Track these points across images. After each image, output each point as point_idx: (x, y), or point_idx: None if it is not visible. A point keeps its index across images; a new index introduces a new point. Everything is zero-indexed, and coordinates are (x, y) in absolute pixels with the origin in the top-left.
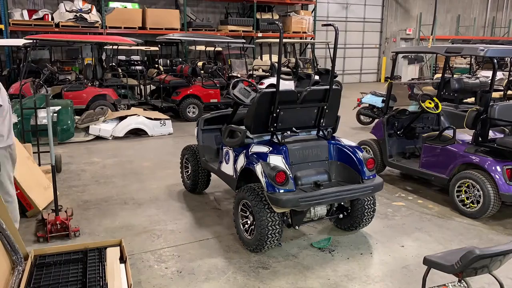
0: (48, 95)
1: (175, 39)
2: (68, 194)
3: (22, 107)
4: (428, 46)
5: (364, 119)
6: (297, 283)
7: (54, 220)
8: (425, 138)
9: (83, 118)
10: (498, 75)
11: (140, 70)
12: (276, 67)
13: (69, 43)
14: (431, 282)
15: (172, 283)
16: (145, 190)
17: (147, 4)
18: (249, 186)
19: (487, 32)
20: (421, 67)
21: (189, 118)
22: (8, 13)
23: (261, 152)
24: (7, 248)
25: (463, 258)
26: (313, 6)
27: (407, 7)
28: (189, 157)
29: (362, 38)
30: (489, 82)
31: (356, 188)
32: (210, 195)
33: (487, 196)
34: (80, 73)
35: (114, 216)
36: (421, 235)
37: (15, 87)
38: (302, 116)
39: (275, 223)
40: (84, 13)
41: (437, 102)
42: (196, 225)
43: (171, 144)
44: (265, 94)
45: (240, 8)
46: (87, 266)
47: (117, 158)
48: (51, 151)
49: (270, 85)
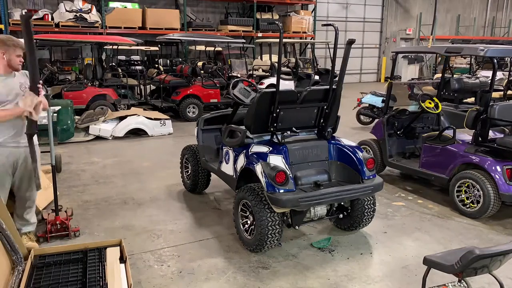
0: (48, 95)
1: (175, 39)
2: (68, 194)
3: None
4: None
5: (364, 119)
6: (297, 283)
7: (54, 220)
8: (425, 138)
9: (83, 118)
10: (498, 75)
11: (140, 70)
12: (276, 67)
13: (69, 43)
14: (431, 282)
15: (172, 283)
16: (145, 190)
17: (147, 4)
18: (249, 186)
19: (487, 32)
20: (421, 67)
21: (189, 118)
22: (8, 13)
23: (261, 152)
24: (7, 248)
25: (463, 258)
26: (313, 6)
27: (407, 7)
28: (189, 157)
29: (362, 38)
30: (489, 82)
31: (356, 188)
32: (210, 195)
33: (487, 196)
34: (80, 73)
35: (114, 216)
36: (421, 235)
37: None
38: (302, 116)
39: (275, 223)
40: (84, 13)
41: (437, 102)
42: (196, 225)
43: (171, 144)
44: (265, 94)
45: (240, 8)
46: (87, 266)
47: (117, 158)
48: (51, 151)
49: (270, 85)
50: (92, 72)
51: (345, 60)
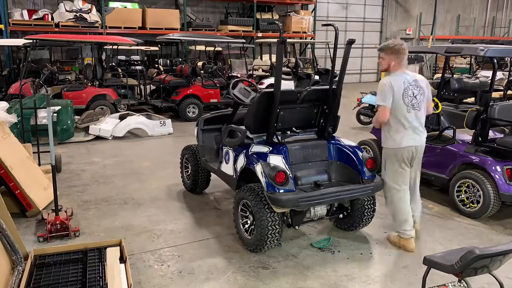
0: (48, 95)
1: (175, 39)
2: (68, 194)
3: (22, 107)
4: (428, 46)
5: (364, 119)
6: (297, 283)
7: (54, 220)
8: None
9: (83, 118)
10: (498, 75)
11: (140, 70)
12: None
13: (69, 43)
14: (431, 282)
15: (172, 283)
16: (145, 190)
17: (147, 4)
18: (249, 186)
19: (487, 32)
20: (421, 67)
21: (189, 118)
22: (8, 13)
23: (261, 152)
24: (7, 248)
25: (463, 258)
26: (313, 6)
27: (407, 7)
28: (189, 157)
29: (362, 38)
30: (489, 82)
31: (356, 188)
32: (210, 195)
33: (487, 196)
34: (80, 73)
35: (114, 216)
36: (421, 235)
37: (15, 87)
38: (302, 116)
39: (275, 223)
40: (84, 13)
41: (437, 102)
42: (196, 225)
43: (171, 144)
44: (265, 94)
45: (240, 8)
46: (87, 266)
47: (117, 158)
48: (51, 151)
49: (270, 85)
50: (92, 72)
51: (345, 60)
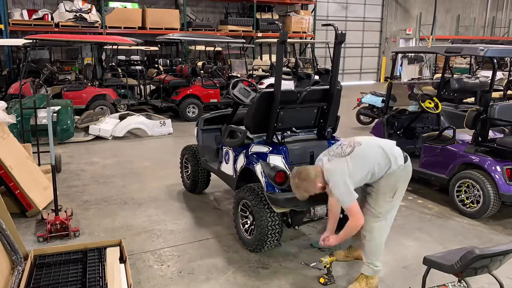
0: (48, 95)
1: (175, 39)
2: (68, 194)
3: (22, 107)
4: (428, 46)
5: (364, 119)
6: (297, 283)
7: (54, 220)
8: (425, 138)
9: (83, 118)
10: (498, 75)
11: (140, 70)
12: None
13: (69, 43)
14: (431, 282)
15: (172, 283)
16: (145, 190)
17: (147, 4)
18: (249, 186)
19: (487, 32)
20: (421, 67)
21: (189, 118)
22: (8, 13)
23: (261, 152)
24: (7, 248)
25: (463, 258)
26: (313, 6)
27: (407, 7)
28: (189, 157)
29: (362, 37)
30: (489, 82)
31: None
32: (210, 195)
33: (487, 196)
34: (80, 73)
35: (114, 216)
36: (421, 235)
37: (15, 87)
38: (302, 116)
39: (275, 223)
40: (84, 13)
41: (437, 102)
42: (196, 225)
43: (171, 144)
44: (265, 94)
45: (240, 8)
46: (87, 266)
47: (117, 158)
48: (51, 151)
49: (270, 85)
50: (92, 72)
51: (336, 59)
